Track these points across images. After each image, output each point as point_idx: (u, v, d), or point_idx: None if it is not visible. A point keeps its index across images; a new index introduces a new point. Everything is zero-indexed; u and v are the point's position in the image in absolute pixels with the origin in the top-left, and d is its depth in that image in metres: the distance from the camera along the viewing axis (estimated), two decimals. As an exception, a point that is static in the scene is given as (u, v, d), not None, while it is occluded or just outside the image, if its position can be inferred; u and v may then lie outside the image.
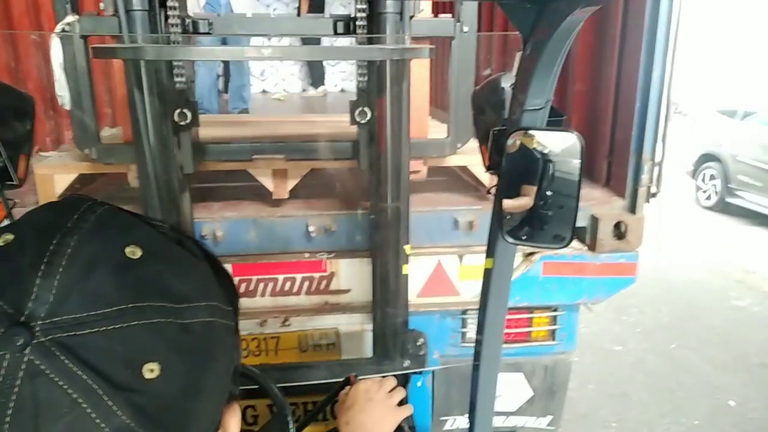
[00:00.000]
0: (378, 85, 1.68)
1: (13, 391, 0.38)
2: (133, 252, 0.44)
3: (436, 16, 1.84)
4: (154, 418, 0.41)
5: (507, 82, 1.07)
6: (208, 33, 1.62)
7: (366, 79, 1.74)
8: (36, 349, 0.38)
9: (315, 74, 7.41)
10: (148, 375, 0.41)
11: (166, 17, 1.59)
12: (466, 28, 1.75)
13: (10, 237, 0.43)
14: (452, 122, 1.89)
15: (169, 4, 1.58)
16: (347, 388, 1.28)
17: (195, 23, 1.59)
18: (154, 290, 0.44)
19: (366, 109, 1.72)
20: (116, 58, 1.65)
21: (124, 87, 1.62)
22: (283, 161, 1.90)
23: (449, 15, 1.80)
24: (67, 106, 1.72)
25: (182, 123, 1.65)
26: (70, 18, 1.62)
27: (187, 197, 1.76)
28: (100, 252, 0.43)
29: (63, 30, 1.62)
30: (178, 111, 1.64)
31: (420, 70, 1.82)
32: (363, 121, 1.74)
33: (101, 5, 1.52)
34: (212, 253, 0.55)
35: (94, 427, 0.39)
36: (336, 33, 1.62)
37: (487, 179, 2.01)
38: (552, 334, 2.16)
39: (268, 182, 1.90)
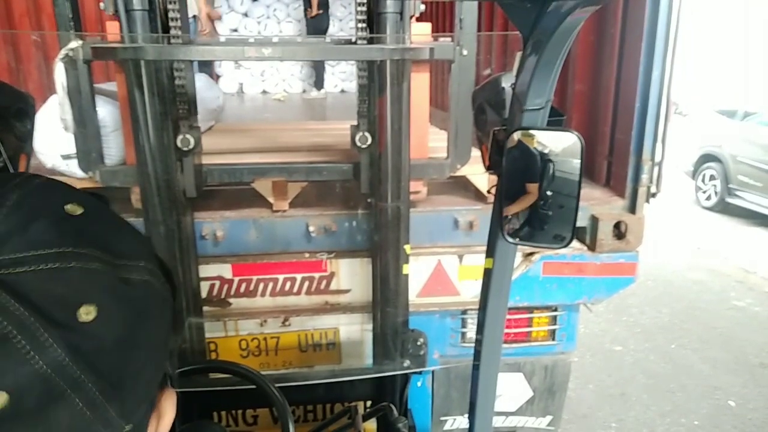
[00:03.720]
0: (378, 85, 1.68)
1: None
2: (74, 210, 0.45)
3: (435, 38, 1.86)
4: (90, 359, 0.41)
5: (507, 82, 1.07)
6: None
7: (366, 81, 1.75)
8: None
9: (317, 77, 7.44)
10: (83, 317, 0.41)
11: (167, 17, 1.59)
12: (465, 52, 1.76)
13: None
14: (452, 143, 1.89)
15: (170, 6, 1.58)
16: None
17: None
18: (93, 242, 0.44)
19: (367, 134, 1.73)
20: (116, 58, 1.65)
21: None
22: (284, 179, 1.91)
23: (449, 38, 1.81)
24: (69, 131, 1.72)
25: (185, 149, 1.66)
26: (74, 44, 1.62)
27: (189, 220, 1.78)
28: (42, 205, 0.44)
29: (67, 55, 1.62)
30: (181, 137, 1.65)
31: (420, 93, 1.83)
32: (364, 146, 1.74)
33: (101, 5, 1.52)
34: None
35: (24, 361, 0.38)
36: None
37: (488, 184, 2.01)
38: (552, 334, 2.17)
39: (268, 195, 1.91)
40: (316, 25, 7.00)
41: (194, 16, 5.40)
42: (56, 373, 0.39)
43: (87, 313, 0.41)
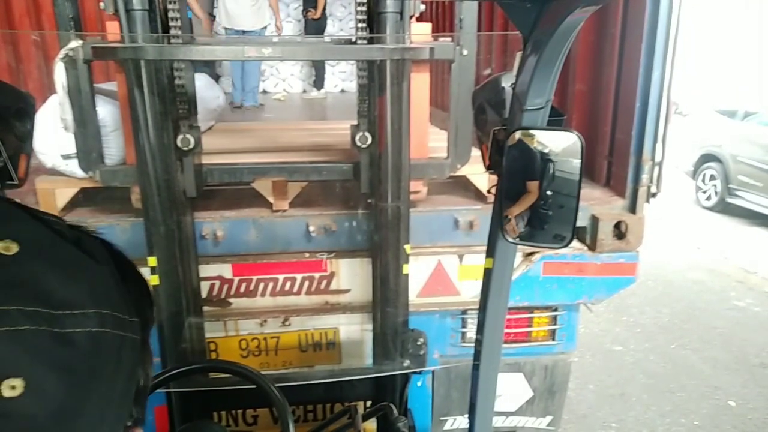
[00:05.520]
0: (378, 85, 1.68)
1: None
2: (7, 248, 0.38)
3: (435, 38, 1.86)
4: None
5: (507, 82, 1.07)
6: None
7: (366, 81, 1.75)
8: None
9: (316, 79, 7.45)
10: (8, 393, 0.35)
11: (167, 17, 1.59)
12: (465, 51, 1.76)
13: None
14: (452, 143, 1.89)
15: (170, 6, 1.58)
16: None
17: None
18: (26, 292, 0.37)
19: (367, 133, 1.73)
20: (116, 58, 1.65)
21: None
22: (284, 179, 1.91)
23: (449, 38, 1.81)
24: (70, 131, 1.72)
25: (185, 148, 1.66)
26: (74, 44, 1.62)
27: (189, 220, 1.77)
28: None
29: (67, 55, 1.62)
30: (181, 137, 1.65)
31: (419, 93, 1.83)
32: (364, 146, 1.74)
33: (101, 5, 1.52)
34: (124, 256, 0.49)
35: None
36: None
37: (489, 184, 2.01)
38: (552, 334, 2.16)
39: (268, 195, 1.91)
40: (316, 25, 7.01)
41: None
42: None
43: (12, 388, 0.35)
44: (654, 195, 2.04)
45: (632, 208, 2.05)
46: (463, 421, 2.23)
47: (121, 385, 0.43)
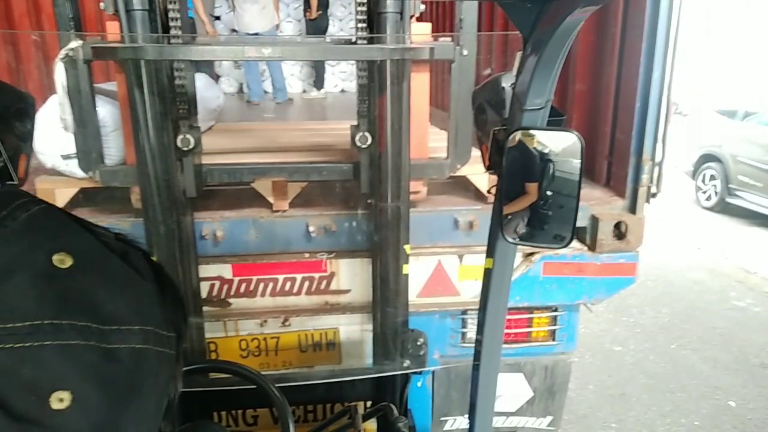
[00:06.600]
0: (378, 85, 1.68)
1: None
2: (62, 260, 0.39)
3: (435, 38, 1.86)
4: None
5: (507, 82, 1.07)
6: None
7: (366, 81, 1.75)
8: None
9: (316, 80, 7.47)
10: (56, 405, 0.35)
11: (167, 17, 1.59)
12: (465, 51, 1.76)
13: None
14: (452, 143, 1.89)
15: (170, 6, 1.58)
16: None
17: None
18: (78, 307, 0.38)
19: (367, 134, 1.73)
20: (116, 58, 1.65)
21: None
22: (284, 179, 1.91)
23: (449, 38, 1.82)
24: (69, 131, 1.72)
25: (185, 149, 1.66)
26: (74, 44, 1.62)
27: (189, 220, 1.77)
28: (24, 256, 0.38)
29: (67, 55, 1.62)
30: (181, 137, 1.65)
31: (419, 93, 1.83)
32: (364, 146, 1.74)
33: (101, 5, 1.52)
34: (163, 269, 0.50)
35: None
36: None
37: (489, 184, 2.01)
38: (552, 335, 2.16)
39: (268, 195, 1.91)
40: (316, 25, 7.01)
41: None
42: None
43: (60, 400, 0.36)
44: (654, 195, 2.04)
45: (632, 209, 2.05)
46: (463, 422, 2.23)
47: (156, 399, 0.44)
